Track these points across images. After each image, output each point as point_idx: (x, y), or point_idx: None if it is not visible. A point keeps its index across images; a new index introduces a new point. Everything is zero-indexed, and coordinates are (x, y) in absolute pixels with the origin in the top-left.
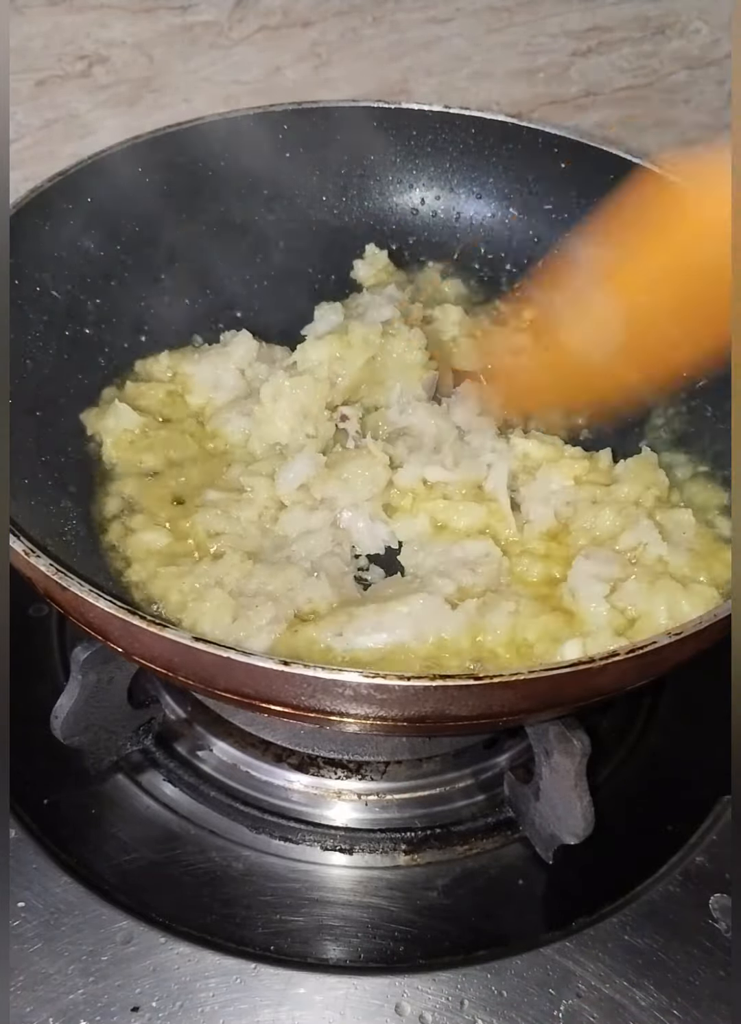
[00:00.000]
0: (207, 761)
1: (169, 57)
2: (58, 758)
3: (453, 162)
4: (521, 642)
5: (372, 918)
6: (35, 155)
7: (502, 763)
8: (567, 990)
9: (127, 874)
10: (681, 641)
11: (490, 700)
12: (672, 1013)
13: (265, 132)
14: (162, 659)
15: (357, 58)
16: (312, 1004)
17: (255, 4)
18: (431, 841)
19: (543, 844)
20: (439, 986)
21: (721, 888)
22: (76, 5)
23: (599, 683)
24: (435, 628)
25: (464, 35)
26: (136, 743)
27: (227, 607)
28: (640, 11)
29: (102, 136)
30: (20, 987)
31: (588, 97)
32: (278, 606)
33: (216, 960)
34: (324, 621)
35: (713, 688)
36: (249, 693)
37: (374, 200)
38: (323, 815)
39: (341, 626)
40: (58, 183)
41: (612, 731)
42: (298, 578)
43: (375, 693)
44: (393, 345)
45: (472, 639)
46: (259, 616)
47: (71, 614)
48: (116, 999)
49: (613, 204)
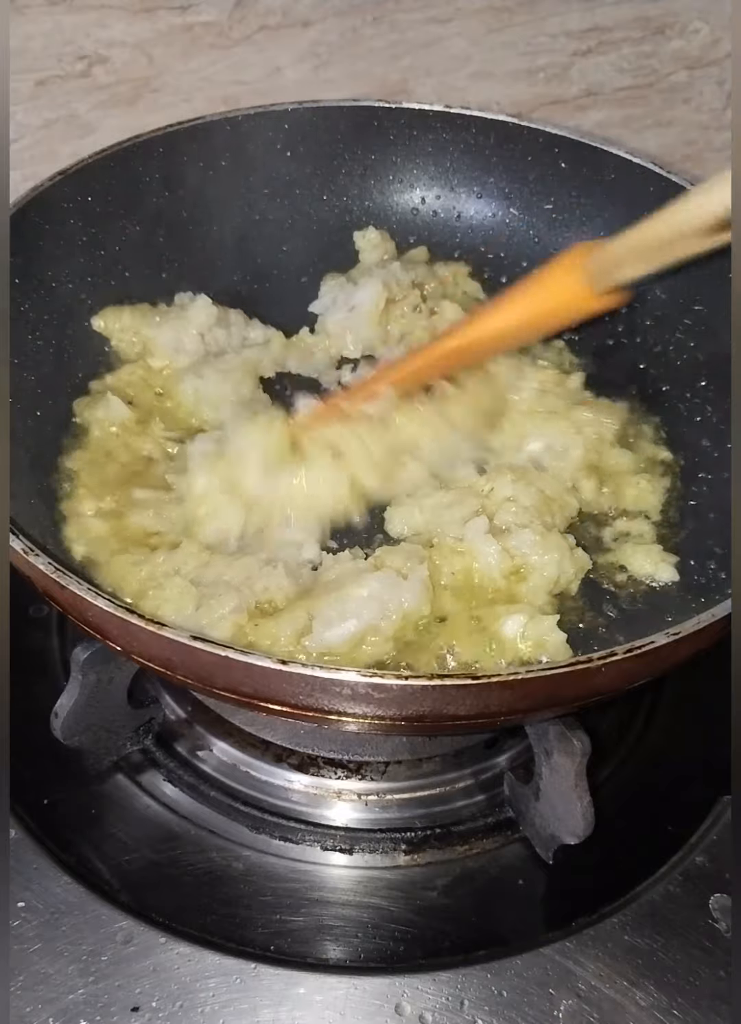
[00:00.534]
0: (207, 761)
1: (169, 57)
2: (58, 758)
3: (453, 162)
4: (477, 588)
5: (372, 918)
6: (35, 155)
7: (502, 763)
8: (567, 990)
9: (127, 874)
10: (679, 641)
11: (488, 700)
12: (672, 1013)
13: (265, 132)
14: (160, 658)
15: (357, 58)
16: (312, 1004)
17: (255, 4)
18: (431, 841)
19: (543, 844)
20: (439, 986)
21: (721, 888)
22: (76, 5)
23: (597, 683)
24: (396, 603)
25: (464, 35)
26: (136, 743)
27: (190, 595)
28: (640, 11)
29: (102, 136)
30: (20, 987)
31: (588, 97)
32: (240, 595)
33: (216, 960)
34: (284, 616)
35: (713, 688)
36: (247, 692)
37: (375, 200)
38: (323, 815)
39: (303, 623)
40: (58, 182)
41: (612, 731)
42: (254, 567)
43: (373, 692)
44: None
45: (430, 604)
46: (221, 604)
47: (70, 613)
48: (116, 999)
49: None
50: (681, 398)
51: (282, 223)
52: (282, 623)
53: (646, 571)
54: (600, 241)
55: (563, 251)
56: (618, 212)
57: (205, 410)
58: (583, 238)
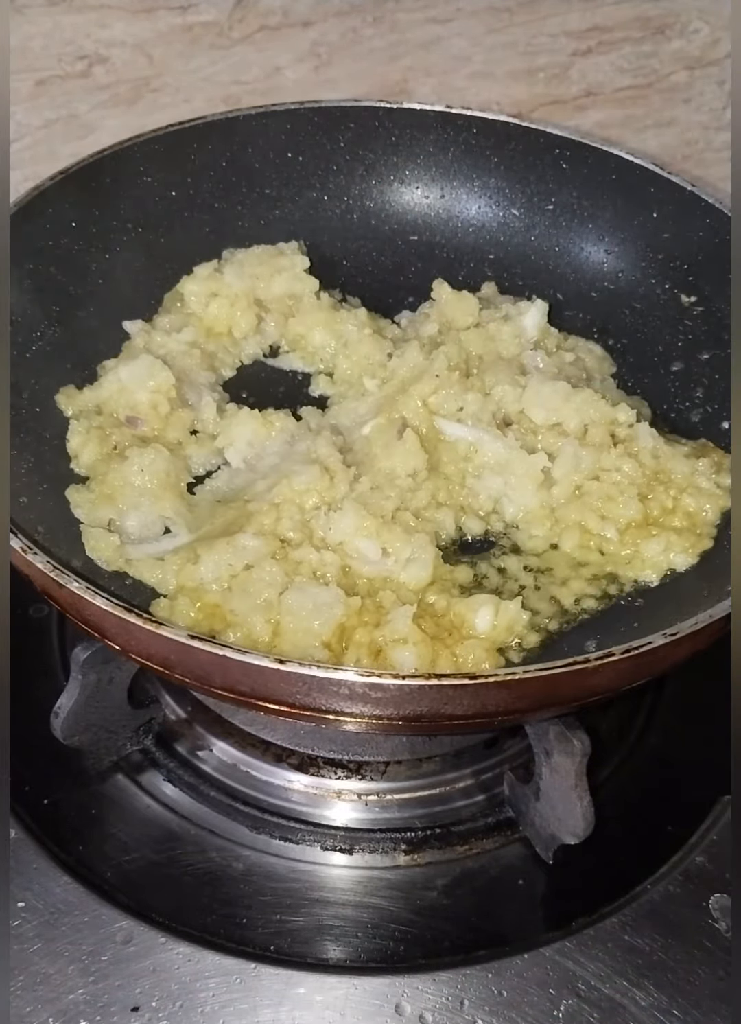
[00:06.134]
0: (207, 761)
1: (169, 57)
2: (58, 758)
3: (454, 162)
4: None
5: (372, 918)
6: (35, 155)
7: (502, 763)
8: (567, 990)
9: (127, 874)
10: (677, 641)
11: (485, 699)
12: (672, 1013)
13: (265, 132)
14: (159, 656)
15: (357, 58)
16: (312, 1004)
17: (255, 4)
18: (431, 841)
19: (543, 844)
20: (439, 986)
21: (721, 888)
22: (76, 5)
23: (594, 683)
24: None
25: (464, 35)
26: (136, 743)
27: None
28: (640, 11)
29: (102, 136)
30: (20, 987)
31: (588, 97)
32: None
33: (216, 960)
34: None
35: (713, 688)
36: (245, 691)
37: (375, 200)
38: (323, 815)
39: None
40: (59, 182)
41: (612, 731)
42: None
43: (370, 692)
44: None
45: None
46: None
47: (69, 611)
48: (116, 999)
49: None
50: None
51: (282, 223)
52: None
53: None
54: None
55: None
56: (618, 212)
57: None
58: (584, 238)
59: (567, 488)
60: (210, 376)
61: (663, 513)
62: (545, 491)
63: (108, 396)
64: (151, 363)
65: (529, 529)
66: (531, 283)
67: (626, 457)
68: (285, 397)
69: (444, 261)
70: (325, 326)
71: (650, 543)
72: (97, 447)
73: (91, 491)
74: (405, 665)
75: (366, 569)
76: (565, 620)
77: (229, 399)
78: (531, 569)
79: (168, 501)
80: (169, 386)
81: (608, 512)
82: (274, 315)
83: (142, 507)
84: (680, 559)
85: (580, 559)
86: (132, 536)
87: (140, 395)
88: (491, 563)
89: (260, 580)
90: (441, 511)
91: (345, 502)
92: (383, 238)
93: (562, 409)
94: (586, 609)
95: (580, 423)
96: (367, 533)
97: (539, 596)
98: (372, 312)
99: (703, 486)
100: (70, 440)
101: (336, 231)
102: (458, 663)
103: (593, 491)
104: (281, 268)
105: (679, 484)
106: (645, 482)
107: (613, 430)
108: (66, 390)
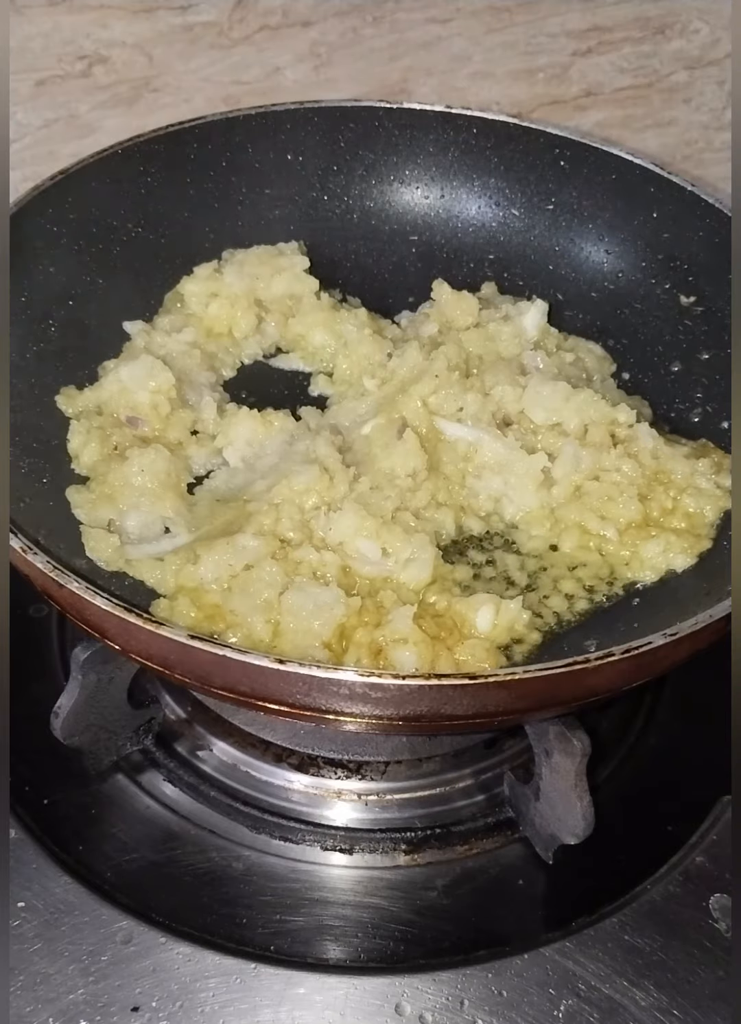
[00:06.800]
0: (207, 761)
1: (169, 57)
2: (58, 758)
3: (454, 162)
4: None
5: (372, 918)
6: (35, 155)
7: (502, 763)
8: (567, 990)
9: (127, 874)
10: (677, 641)
11: (485, 699)
12: (672, 1013)
13: (265, 132)
14: (158, 656)
15: (357, 58)
16: (312, 1004)
17: (255, 4)
18: (431, 841)
19: (543, 844)
20: (439, 986)
21: (721, 888)
22: (76, 5)
23: (594, 683)
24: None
25: (464, 35)
26: (136, 743)
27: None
28: (640, 11)
29: (102, 136)
30: (20, 987)
31: (588, 97)
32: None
33: (216, 960)
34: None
35: (713, 688)
36: (245, 691)
37: (375, 200)
38: (323, 815)
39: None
40: (59, 182)
41: (612, 731)
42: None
43: (370, 692)
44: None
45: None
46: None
47: (69, 611)
48: (116, 999)
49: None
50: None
51: (282, 223)
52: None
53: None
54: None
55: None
56: (618, 212)
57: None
58: (584, 238)
59: (567, 488)
60: (210, 376)
61: (663, 514)
62: (545, 491)
63: (108, 396)
64: (151, 363)
65: (529, 529)
66: (531, 283)
67: (626, 457)
68: (285, 397)
69: (444, 261)
70: (325, 326)
71: (650, 544)
72: (97, 447)
73: (91, 491)
74: (405, 665)
75: (366, 569)
76: (565, 620)
77: (229, 399)
78: (531, 569)
79: (168, 501)
80: (169, 386)
81: (608, 512)
82: (274, 315)
83: (142, 507)
84: (679, 560)
85: (580, 559)
86: (132, 536)
87: (140, 395)
88: (491, 563)
89: (260, 580)
90: (441, 511)
91: (345, 502)
92: (383, 238)
93: (562, 409)
94: (586, 609)
95: (580, 423)
96: (367, 533)
97: (539, 596)
98: (372, 312)
99: (703, 487)
100: (70, 440)
101: (336, 231)
102: (458, 663)
103: (593, 491)
104: (281, 268)
105: (679, 485)
106: (645, 482)
107: (613, 430)
108: (66, 390)
